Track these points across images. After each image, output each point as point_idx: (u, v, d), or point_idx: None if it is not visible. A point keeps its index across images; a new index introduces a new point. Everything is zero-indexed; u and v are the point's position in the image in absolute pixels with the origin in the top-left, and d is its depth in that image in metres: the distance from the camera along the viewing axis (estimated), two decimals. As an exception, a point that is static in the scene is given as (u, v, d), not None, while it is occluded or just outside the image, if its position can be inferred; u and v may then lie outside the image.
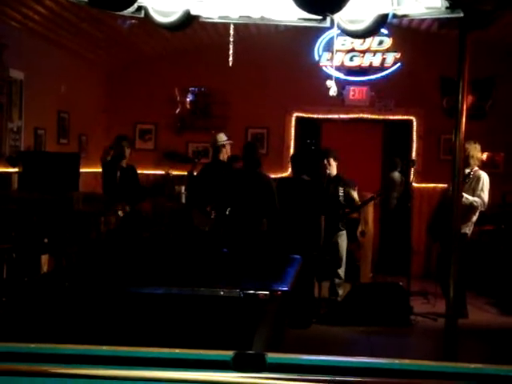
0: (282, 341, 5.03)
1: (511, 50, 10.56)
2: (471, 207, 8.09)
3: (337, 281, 8.47)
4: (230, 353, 2.47)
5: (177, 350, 2.56)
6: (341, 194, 8.55)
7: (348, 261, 8.71)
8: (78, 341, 2.77)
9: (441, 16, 5.24)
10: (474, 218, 8.21)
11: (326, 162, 8.74)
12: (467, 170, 8.19)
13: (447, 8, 4.89)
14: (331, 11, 4.79)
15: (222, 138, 8.70)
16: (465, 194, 7.87)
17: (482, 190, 8.15)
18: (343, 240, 8.56)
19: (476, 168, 8.30)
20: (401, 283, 8.23)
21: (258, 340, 3.76)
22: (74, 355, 2.53)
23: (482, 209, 8.17)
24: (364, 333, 7.65)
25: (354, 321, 7.86)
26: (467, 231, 8.09)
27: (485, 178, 8.22)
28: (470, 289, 8.70)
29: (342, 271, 8.51)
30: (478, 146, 8.30)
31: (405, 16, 5.42)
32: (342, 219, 8.56)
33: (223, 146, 8.66)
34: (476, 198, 8.08)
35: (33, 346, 2.59)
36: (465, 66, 5.35)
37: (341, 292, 8.48)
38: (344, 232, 8.58)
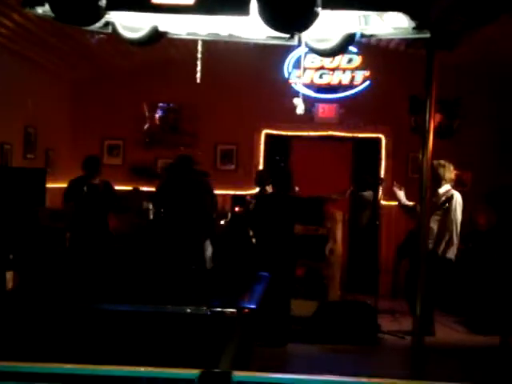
0: (250, 359, 4.99)
1: (478, 71, 10.69)
2: (448, 229, 8.16)
3: None
4: (197, 371, 2.44)
5: (142, 369, 2.53)
6: None
7: (315, 278, 8.70)
8: (41, 359, 2.73)
9: (408, 36, 5.27)
10: (455, 240, 8.26)
11: None
12: (440, 190, 8.26)
13: (414, 28, 4.92)
14: (298, 30, 4.80)
15: None
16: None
17: (455, 210, 8.22)
18: None
19: (449, 188, 8.36)
20: (368, 301, 8.23)
21: (224, 358, 3.73)
22: (36, 374, 2.49)
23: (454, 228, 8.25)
24: (331, 351, 7.64)
25: (322, 339, 7.85)
26: (452, 256, 8.16)
27: (458, 197, 8.29)
28: (439, 307, 8.73)
29: None
30: (449, 166, 8.36)
31: (372, 36, 5.45)
32: None
33: None
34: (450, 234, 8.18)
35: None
36: (432, 85, 5.40)
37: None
38: None
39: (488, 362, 7.28)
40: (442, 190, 8.31)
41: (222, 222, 9.43)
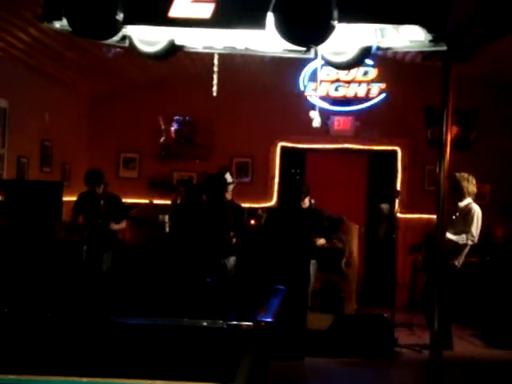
0: (267, 373, 4.97)
1: (494, 83, 10.66)
2: (464, 243, 8.13)
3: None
4: (213, 386, 2.44)
5: (158, 382, 2.53)
6: None
7: (332, 292, 8.67)
8: (59, 372, 2.73)
9: (424, 49, 5.26)
10: (465, 251, 8.22)
11: None
12: (461, 204, 8.21)
13: (430, 41, 4.91)
14: (315, 43, 4.80)
15: (228, 178, 8.68)
16: (448, 234, 7.96)
17: (472, 223, 8.15)
18: (314, 269, 8.51)
19: (469, 201, 8.30)
20: (385, 315, 8.19)
21: (241, 372, 3.72)
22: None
23: (471, 243, 8.18)
24: (348, 364, 7.60)
25: (338, 352, 7.80)
26: (456, 263, 8.10)
27: (476, 211, 8.22)
28: (456, 320, 8.67)
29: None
30: (472, 179, 8.30)
31: (388, 49, 5.44)
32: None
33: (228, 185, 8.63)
34: (461, 237, 8.09)
35: (13, 377, 2.55)
36: (449, 98, 5.37)
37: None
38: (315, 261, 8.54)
39: (505, 376, 7.22)
40: (462, 204, 8.26)
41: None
